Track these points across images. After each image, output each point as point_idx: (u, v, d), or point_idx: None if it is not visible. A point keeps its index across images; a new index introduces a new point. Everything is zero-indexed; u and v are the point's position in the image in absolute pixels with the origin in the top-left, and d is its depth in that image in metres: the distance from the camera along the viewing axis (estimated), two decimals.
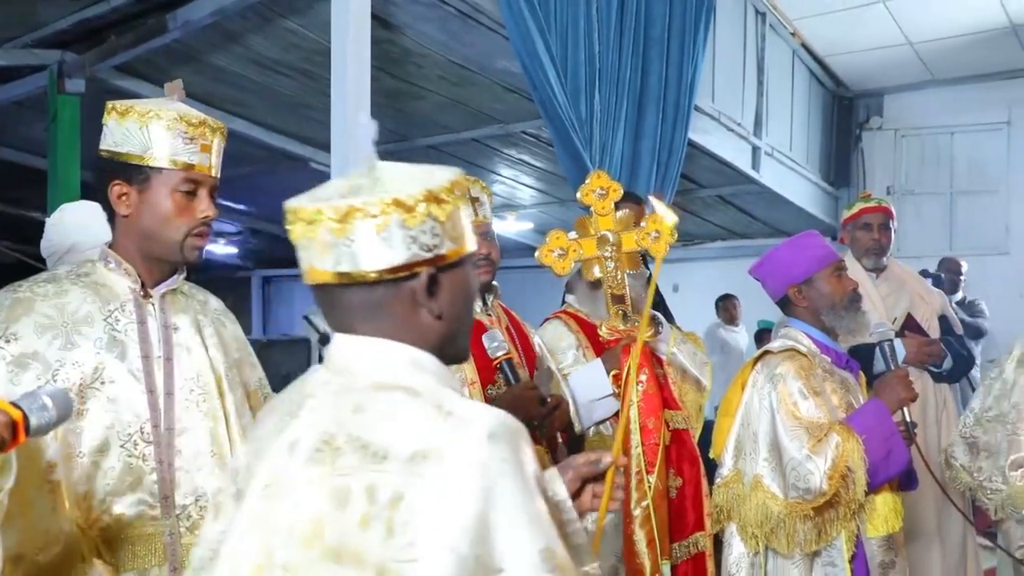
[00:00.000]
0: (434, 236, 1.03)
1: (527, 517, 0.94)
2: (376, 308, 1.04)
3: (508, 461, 0.94)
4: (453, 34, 4.35)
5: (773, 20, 6.36)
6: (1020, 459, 2.43)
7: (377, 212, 1.00)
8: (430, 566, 0.89)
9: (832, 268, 2.38)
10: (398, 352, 1.05)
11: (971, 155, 7.50)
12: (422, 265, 1.03)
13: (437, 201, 1.02)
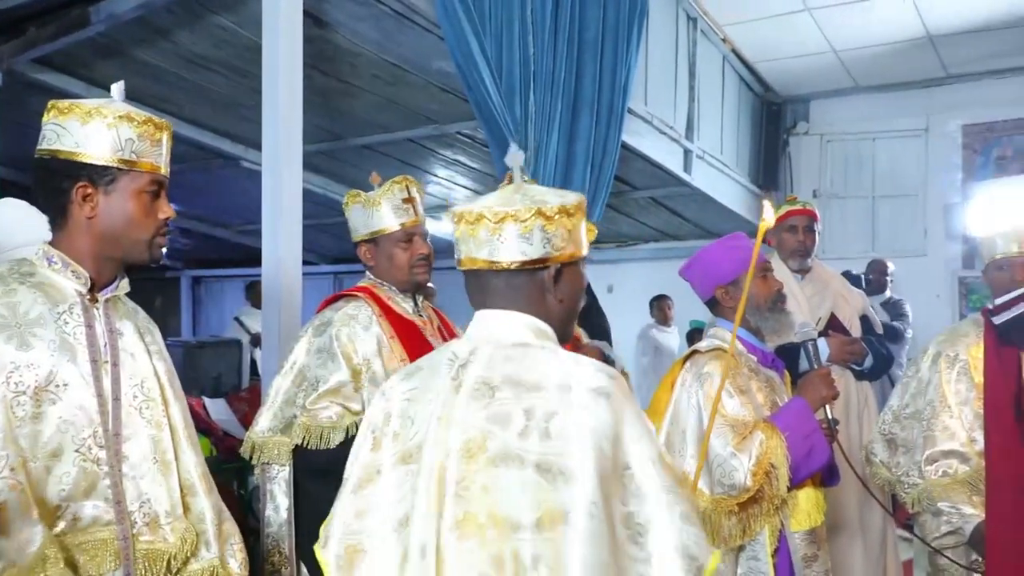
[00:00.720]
0: (563, 240, 1.38)
1: (646, 433, 1.32)
2: (515, 290, 1.39)
3: (627, 395, 1.33)
4: (387, 33, 4.32)
5: (704, 26, 6.49)
6: (935, 454, 2.53)
7: (525, 218, 1.35)
8: (581, 459, 1.24)
9: (758, 269, 2.43)
10: (531, 321, 1.40)
11: (891, 160, 7.77)
12: (552, 260, 1.38)
13: (567, 214, 1.38)
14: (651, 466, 1.29)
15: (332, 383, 2.24)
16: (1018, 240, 2.60)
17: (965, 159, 7.45)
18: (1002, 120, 7.28)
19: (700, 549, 1.28)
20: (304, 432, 2.22)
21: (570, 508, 1.23)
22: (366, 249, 2.41)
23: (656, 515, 1.28)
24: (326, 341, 2.28)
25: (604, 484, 1.25)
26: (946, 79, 7.33)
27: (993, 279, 2.67)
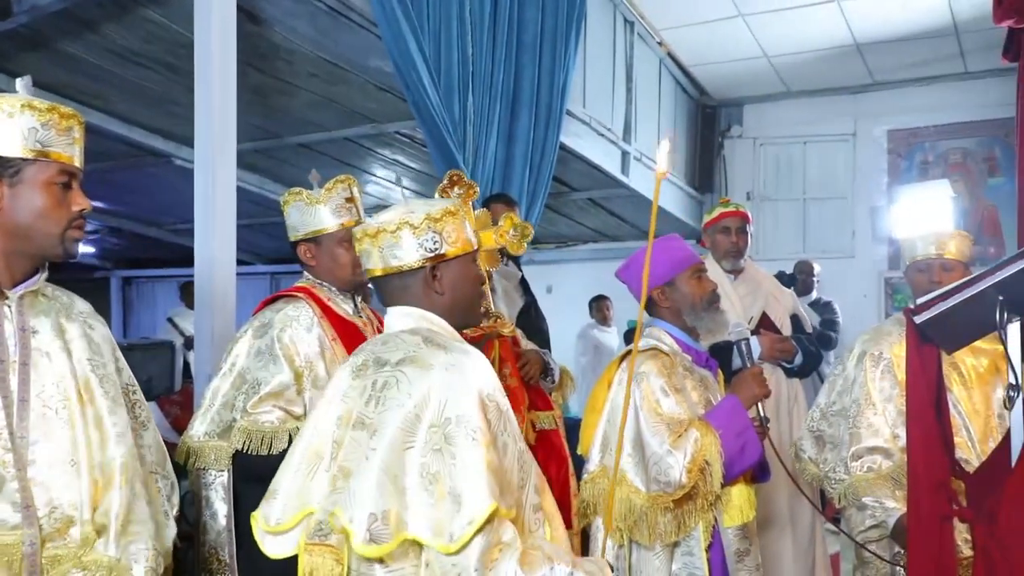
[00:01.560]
0: (434, 243, 1.62)
1: (471, 404, 1.48)
2: (404, 289, 1.66)
3: (456, 369, 1.52)
4: (324, 31, 4.28)
5: (641, 30, 6.57)
6: (860, 450, 2.61)
7: (394, 229, 1.61)
8: (393, 416, 1.48)
9: (692, 270, 2.47)
10: (413, 312, 1.66)
11: (821, 164, 7.99)
12: (428, 261, 1.62)
13: (434, 220, 1.62)
14: (459, 425, 1.47)
15: (274, 385, 2.19)
16: (936, 243, 2.69)
17: (890, 163, 7.71)
18: (925, 126, 7.56)
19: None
20: (245, 437, 2.16)
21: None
22: (306, 248, 2.36)
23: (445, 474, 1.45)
24: (267, 343, 2.23)
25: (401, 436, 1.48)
26: (872, 86, 7.58)
27: (914, 280, 2.77)
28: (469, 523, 1.38)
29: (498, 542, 1.42)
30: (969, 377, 2.65)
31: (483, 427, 1.46)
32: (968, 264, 2.70)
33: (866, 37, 6.54)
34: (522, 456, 1.58)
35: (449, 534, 1.39)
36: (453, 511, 1.40)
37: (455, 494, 1.40)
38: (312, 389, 2.21)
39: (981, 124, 7.29)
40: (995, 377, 2.65)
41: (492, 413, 1.51)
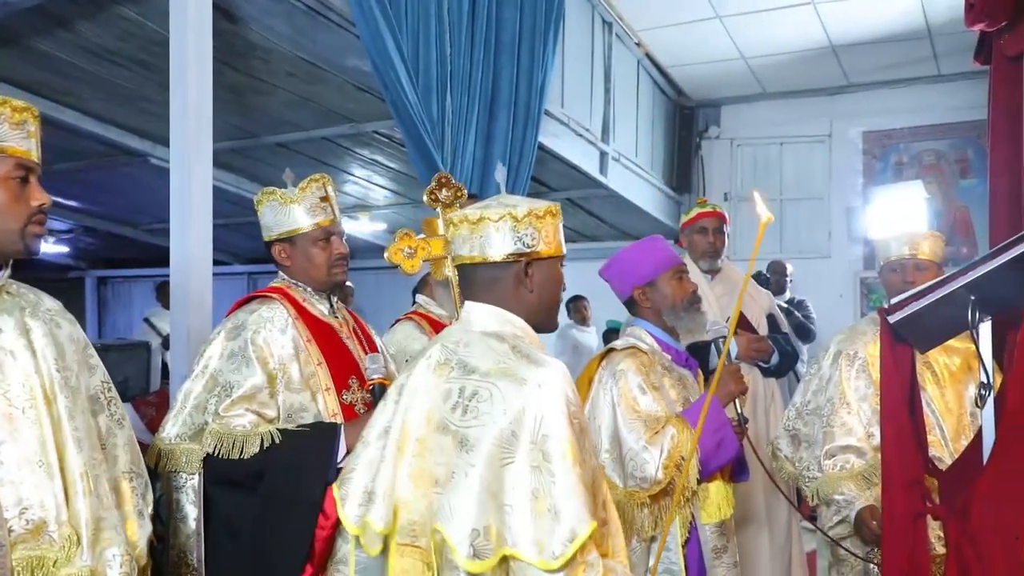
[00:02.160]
0: (532, 239, 1.61)
1: (563, 422, 1.47)
2: (494, 281, 1.64)
3: (548, 386, 1.49)
4: (301, 30, 4.25)
5: (619, 30, 6.59)
6: (833, 449, 2.65)
7: (496, 219, 1.60)
8: (489, 432, 1.48)
9: (673, 271, 2.50)
10: (497, 313, 1.64)
11: (797, 165, 8.06)
12: (523, 256, 1.61)
13: (536, 217, 1.61)
14: (560, 448, 1.47)
15: (246, 388, 2.16)
16: (909, 243, 2.73)
17: (865, 164, 7.79)
18: (899, 128, 7.64)
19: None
20: (215, 440, 2.12)
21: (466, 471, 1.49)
22: (281, 248, 2.34)
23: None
24: (241, 345, 2.20)
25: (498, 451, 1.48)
26: (848, 88, 7.65)
27: (887, 280, 2.81)
28: (571, 540, 1.39)
29: (583, 560, 1.42)
30: (942, 376, 2.68)
31: (575, 446, 1.46)
32: (941, 264, 2.74)
33: (841, 39, 6.60)
34: (595, 472, 1.59)
35: (551, 551, 1.39)
36: (553, 528, 1.40)
37: (555, 512, 1.41)
38: (286, 391, 2.19)
39: (954, 126, 7.38)
40: (967, 375, 2.69)
41: (576, 430, 1.50)
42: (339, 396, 2.24)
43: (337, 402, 2.23)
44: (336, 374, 2.26)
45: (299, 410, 2.19)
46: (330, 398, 2.22)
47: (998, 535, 1.89)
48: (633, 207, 7.23)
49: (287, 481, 2.10)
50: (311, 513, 2.08)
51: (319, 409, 2.21)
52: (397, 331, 3.02)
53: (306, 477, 2.10)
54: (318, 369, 2.24)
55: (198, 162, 3.24)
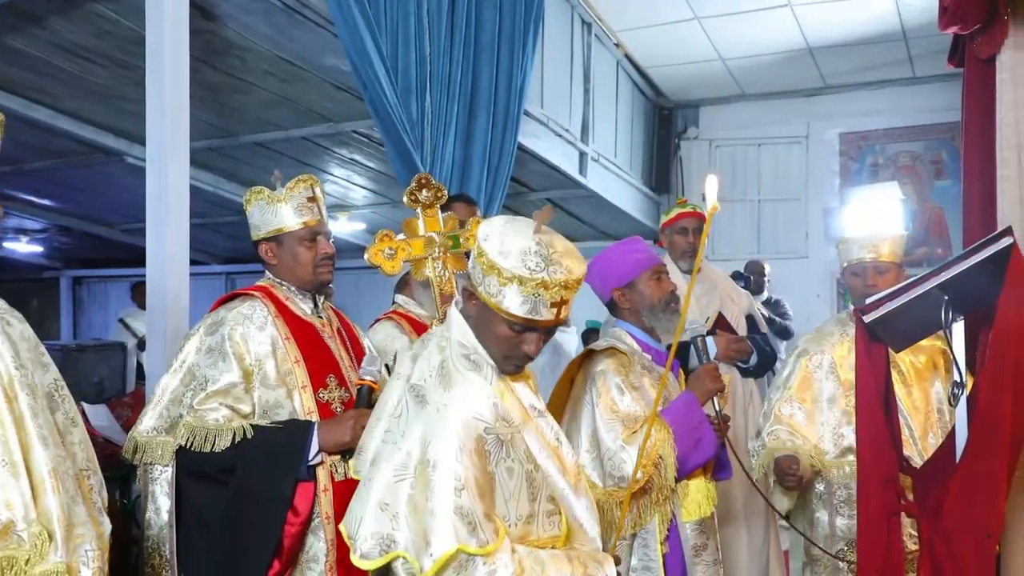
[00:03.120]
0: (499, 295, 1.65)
1: (451, 447, 1.60)
2: (474, 307, 1.73)
3: (447, 410, 1.64)
4: (279, 28, 4.23)
5: (599, 31, 6.61)
6: (777, 430, 2.74)
7: (507, 276, 1.64)
8: (390, 450, 1.68)
9: (652, 272, 2.51)
10: (462, 325, 1.75)
11: (775, 165, 8.11)
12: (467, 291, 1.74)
13: (544, 289, 1.64)
14: (448, 462, 1.64)
15: (222, 383, 2.19)
16: (869, 247, 2.77)
17: (842, 165, 7.86)
18: (875, 129, 7.72)
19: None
20: (189, 433, 2.15)
21: None
22: (267, 247, 2.35)
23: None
24: (218, 340, 2.23)
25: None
26: (824, 89, 7.71)
27: (849, 283, 2.85)
28: (433, 561, 1.55)
29: (491, 569, 1.57)
30: (909, 375, 2.72)
31: (460, 470, 1.59)
32: (902, 264, 2.79)
33: (818, 41, 6.66)
34: (531, 474, 1.71)
35: (421, 564, 1.57)
36: (423, 545, 1.57)
37: (424, 532, 1.57)
38: (261, 388, 2.21)
39: (929, 128, 7.46)
40: (933, 374, 2.73)
41: (491, 444, 1.65)
42: (316, 394, 2.26)
43: (313, 400, 2.25)
44: (314, 372, 2.27)
45: (274, 407, 2.22)
46: (306, 396, 2.24)
47: (970, 533, 1.92)
48: (612, 207, 7.25)
49: (257, 476, 2.13)
50: (280, 508, 2.12)
51: (295, 406, 2.23)
52: (377, 331, 3.01)
53: (276, 473, 2.14)
54: (295, 367, 2.25)
55: (174, 161, 3.22)
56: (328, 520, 2.18)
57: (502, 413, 1.69)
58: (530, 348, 1.70)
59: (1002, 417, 1.91)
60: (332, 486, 2.20)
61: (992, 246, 1.99)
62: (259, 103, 5.56)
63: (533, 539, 1.70)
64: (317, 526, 2.18)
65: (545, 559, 1.66)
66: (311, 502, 2.17)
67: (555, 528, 1.74)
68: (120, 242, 9.41)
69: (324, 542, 2.18)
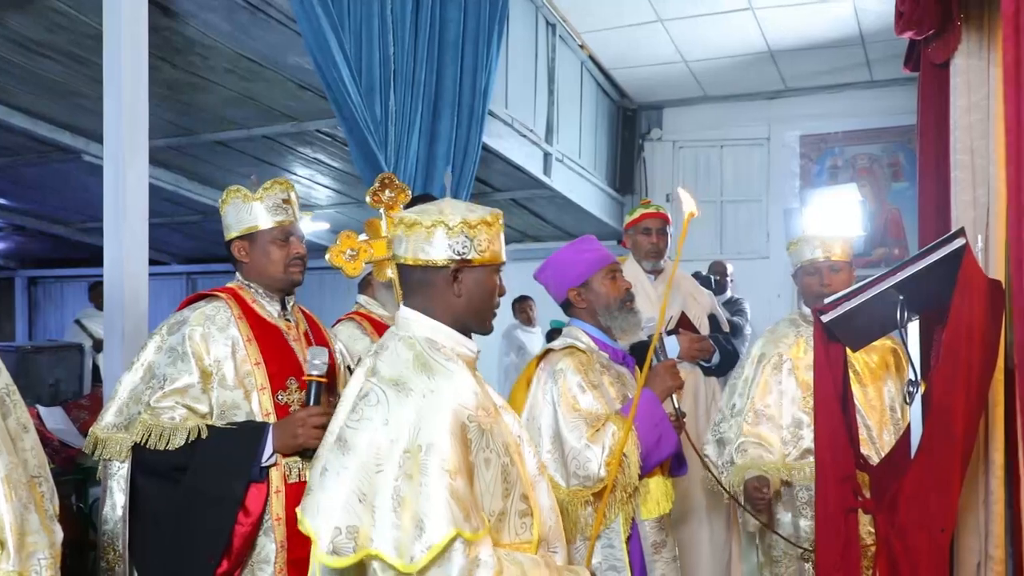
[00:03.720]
0: (464, 247, 1.67)
1: (443, 432, 1.55)
2: (426, 284, 1.70)
3: (433, 396, 1.59)
4: (241, 26, 4.18)
5: (563, 32, 6.63)
6: (746, 444, 2.75)
7: (429, 225, 1.66)
8: (365, 437, 1.56)
9: (607, 271, 2.52)
10: (423, 321, 1.71)
11: (737, 167, 8.19)
12: (453, 263, 1.67)
13: (469, 226, 1.67)
14: (421, 443, 1.56)
15: (179, 383, 2.20)
16: (822, 247, 2.82)
17: (803, 167, 7.96)
18: (834, 132, 7.84)
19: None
20: (144, 430, 2.15)
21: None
22: (240, 246, 2.35)
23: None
24: (178, 340, 2.24)
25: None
26: (785, 92, 7.81)
27: (803, 283, 2.90)
28: (428, 547, 1.46)
29: (473, 562, 1.49)
30: (863, 374, 2.77)
31: (452, 454, 1.53)
32: (853, 264, 2.85)
33: (779, 45, 6.74)
34: (506, 468, 1.66)
35: (410, 556, 1.46)
36: (416, 535, 1.46)
37: (418, 519, 1.47)
38: (219, 388, 2.22)
39: (886, 131, 7.59)
40: (886, 372, 2.79)
41: (473, 433, 1.59)
42: (274, 396, 2.26)
43: (272, 402, 2.25)
44: (273, 375, 2.27)
45: (232, 408, 2.22)
46: (264, 398, 2.25)
47: (924, 528, 1.96)
48: (577, 208, 7.28)
49: (209, 476, 2.15)
50: (230, 509, 2.13)
51: (252, 408, 2.24)
52: (339, 331, 2.99)
53: (229, 473, 2.15)
54: (255, 369, 2.25)
55: (133, 159, 3.17)
56: (280, 522, 2.18)
57: (482, 402, 1.66)
58: (503, 287, 1.80)
59: (955, 415, 1.95)
60: (285, 488, 2.20)
61: (945, 247, 2.03)
62: (221, 101, 5.49)
63: (505, 542, 1.64)
64: (268, 527, 2.18)
65: (524, 562, 1.61)
66: (263, 503, 2.17)
67: (527, 532, 1.70)
68: (77, 241, 9.25)
69: (275, 543, 2.18)
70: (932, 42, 2.83)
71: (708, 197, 8.25)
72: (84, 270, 10.07)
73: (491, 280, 1.74)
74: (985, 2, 2.57)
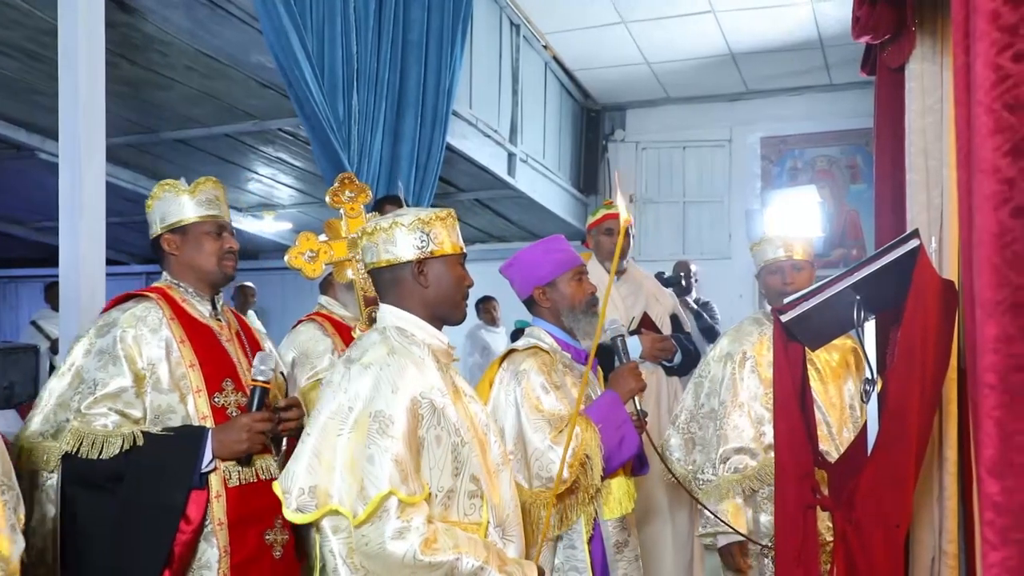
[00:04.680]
0: (423, 242, 1.84)
1: (392, 397, 1.71)
2: (395, 282, 1.87)
3: (390, 369, 1.74)
4: (201, 23, 4.13)
5: (527, 33, 6.65)
6: (727, 452, 2.75)
7: (387, 227, 1.85)
8: (327, 406, 1.73)
9: (574, 272, 2.52)
10: (396, 312, 1.87)
11: (699, 168, 8.27)
12: (416, 258, 1.84)
13: (424, 223, 1.85)
14: (366, 414, 1.71)
15: (112, 387, 2.12)
16: (783, 246, 2.86)
17: (763, 169, 8.07)
18: (794, 134, 7.95)
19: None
20: (75, 439, 2.07)
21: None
22: (170, 239, 2.29)
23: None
24: (109, 343, 2.15)
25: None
26: (746, 94, 7.91)
27: (766, 282, 2.93)
28: (366, 503, 1.62)
29: (405, 524, 1.63)
30: (824, 372, 2.81)
31: (399, 423, 1.68)
32: (815, 263, 2.89)
33: (740, 47, 6.82)
34: (457, 448, 1.78)
35: (354, 511, 1.63)
36: (358, 491, 1.63)
37: (361, 478, 1.63)
38: (153, 392, 2.15)
39: (845, 133, 7.72)
40: (846, 371, 2.83)
41: (424, 409, 1.73)
42: (211, 399, 2.21)
43: (208, 405, 2.20)
44: (209, 376, 2.22)
45: (167, 412, 2.16)
46: (201, 400, 2.19)
47: (880, 524, 1.99)
48: (540, 208, 7.30)
49: (148, 486, 2.07)
50: (171, 517, 2.07)
51: (188, 411, 2.18)
52: (300, 332, 2.96)
53: (168, 481, 2.09)
54: (189, 371, 2.19)
55: (89, 157, 3.11)
56: (221, 526, 2.13)
57: (438, 384, 1.78)
58: (470, 278, 1.93)
59: (910, 413, 1.99)
60: (225, 491, 2.15)
61: (900, 248, 2.07)
62: (181, 99, 5.41)
63: (452, 519, 1.75)
64: (209, 532, 2.12)
65: (460, 535, 1.71)
66: (204, 509, 2.11)
67: (476, 513, 1.79)
68: (33, 241, 9.06)
69: (217, 548, 2.12)
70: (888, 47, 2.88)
71: (671, 198, 8.32)
72: (40, 270, 9.86)
73: (455, 269, 1.89)
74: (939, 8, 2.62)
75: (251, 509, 2.18)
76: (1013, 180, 1.07)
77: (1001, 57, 1.08)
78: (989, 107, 1.09)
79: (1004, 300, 1.09)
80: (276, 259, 7.32)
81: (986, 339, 1.11)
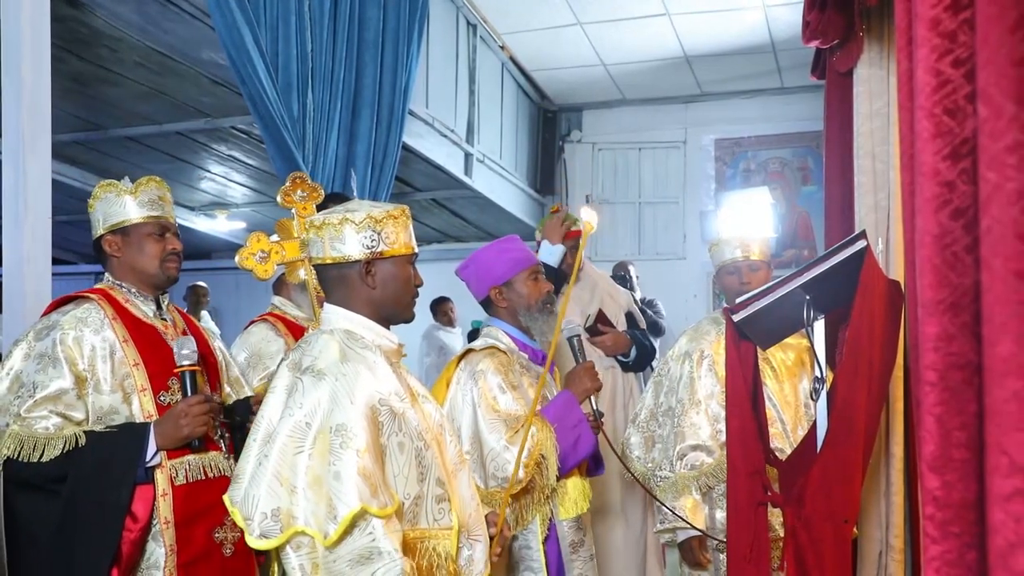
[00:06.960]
0: (372, 240, 1.75)
1: (354, 412, 1.63)
2: (341, 280, 1.79)
3: (346, 379, 1.66)
4: (151, 19, 4.05)
5: (484, 33, 6.64)
6: (684, 449, 2.77)
7: (336, 223, 1.75)
8: (286, 424, 1.62)
9: (530, 271, 2.53)
10: (341, 313, 1.79)
11: (655, 169, 8.35)
12: (366, 256, 1.76)
13: (376, 221, 1.76)
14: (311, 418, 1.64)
15: (52, 389, 2.09)
16: (741, 247, 2.91)
17: (717, 170, 8.17)
18: (748, 136, 8.06)
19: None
20: (15, 443, 2.04)
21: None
22: (112, 241, 2.26)
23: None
24: (48, 345, 2.13)
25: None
26: (701, 96, 8.00)
27: (724, 283, 2.97)
28: (337, 522, 1.54)
29: (371, 543, 1.56)
30: (779, 370, 2.86)
31: (362, 434, 1.60)
32: (771, 263, 2.94)
33: (694, 50, 6.90)
34: (420, 453, 1.72)
35: (324, 532, 1.54)
36: (327, 511, 1.54)
37: (329, 497, 1.55)
38: (95, 393, 2.13)
39: (796, 136, 7.86)
40: (801, 369, 2.88)
41: (384, 416, 1.67)
42: (156, 397, 2.19)
43: (154, 403, 2.19)
44: (154, 375, 2.21)
45: (110, 412, 2.15)
46: (146, 399, 2.18)
47: (829, 520, 2.03)
48: (497, 208, 7.30)
49: (92, 483, 2.06)
50: (117, 516, 2.06)
51: (132, 411, 2.16)
52: (252, 333, 2.93)
53: (112, 478, 2.07)
54: (134, 370, 2.18)
55: (34, 154, 3.03)
56: (168, 525, 2.12)
57: (395, 388, 1.72)
58: (419, 278, 1.87)
59: (857, 411, 2.03)
60: (172, 490, 2.14)
61: (848, 249, 2.11)
62: (130, 96, 5.31)
63: (423, 527, 1.70)
64: (157, 532, 2.12)
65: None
66: (150, 507, 2.10)
67: (445, 517, 1.75)
68: None
69: (164, 547, 2.11)
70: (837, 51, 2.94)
71: (627, 199, 8.38)
72: None
73: (404, 270, 1.82)
74: (885, 14, 2.68)
75: (199, 507, 2.18)
76: (952, 183, 1.10)
77: (941, 63, 1.11)
78: (930, 111, 1.12)
79: (944, 300, 1.12)
80: (229, 259, 7.20)
81: (927, 337, 1.14)
